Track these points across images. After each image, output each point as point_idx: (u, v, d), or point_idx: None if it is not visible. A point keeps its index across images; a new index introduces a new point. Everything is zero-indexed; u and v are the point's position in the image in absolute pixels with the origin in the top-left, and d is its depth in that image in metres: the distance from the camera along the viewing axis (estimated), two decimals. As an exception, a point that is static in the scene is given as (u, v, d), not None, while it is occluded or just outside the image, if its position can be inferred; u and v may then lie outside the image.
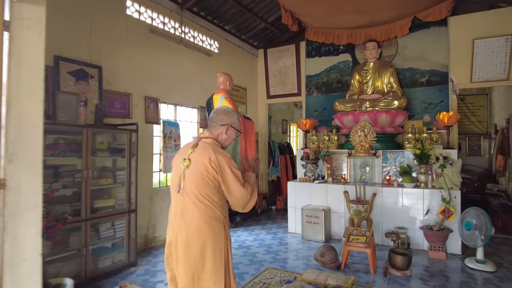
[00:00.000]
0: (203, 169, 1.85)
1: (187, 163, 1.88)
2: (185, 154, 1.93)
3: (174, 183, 1.95)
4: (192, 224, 1.84)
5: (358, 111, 5.42)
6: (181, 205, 1.87)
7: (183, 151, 2.00)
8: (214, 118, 2.05)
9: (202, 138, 2.00)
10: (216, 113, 2.06)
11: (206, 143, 1.96)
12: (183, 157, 1.93)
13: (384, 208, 4.85)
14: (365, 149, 5.15)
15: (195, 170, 1.86)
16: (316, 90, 6.72)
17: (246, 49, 7.07)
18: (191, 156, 1.89)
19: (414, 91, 5.79)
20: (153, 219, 4.79)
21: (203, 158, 1.86)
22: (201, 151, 1.90)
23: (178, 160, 1.98)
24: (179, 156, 2.00)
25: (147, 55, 4.71)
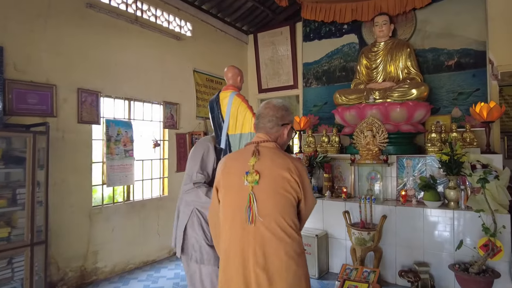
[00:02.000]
0: (285, 184, 1.42)
1: (255, 178, 1.41)
2: (244, 165, 1.46)
3: (233, 208, 1.46)
4: (275, 266, 1.36)
5: (364, 104, 4.15)
6: (253, 241, 1.38)
7: (236, 161, 1.52)
8: (271, 116, 1.56)
9: (259, 142, 1.53)
10: (273, 108, 1.57)
11: (270, 148, 1.51)
12: (243, 169, 1.45)
13: (399, 235, 3.56)
14: (373, 154, 3.87)
15: (272, 187, 1.42)
16: (316, 80, 5.48)
17: (231, 33, 5.92)
18: (258, 168, 1.43)
19: (438, 78, 4.44)
20: (94, 245, 3.72)
21: (280, 169, 1.43)
22: (273, 160, 1.46)
23: (233, 174, 1.49)
24: (231, 168, 1.52)
25: (82, 36, 3.65)
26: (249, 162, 1.43)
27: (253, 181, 1.40)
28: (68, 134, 3.51)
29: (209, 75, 5.41)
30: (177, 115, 4.79)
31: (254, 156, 1.45)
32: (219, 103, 2.55)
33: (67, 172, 3.51)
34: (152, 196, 4.48)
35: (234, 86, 2.55)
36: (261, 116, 1.57)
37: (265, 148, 1.49)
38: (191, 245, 2.21)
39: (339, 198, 4.10)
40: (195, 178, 2.21)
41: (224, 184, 1.50)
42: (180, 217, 2.28)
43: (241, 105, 2.43)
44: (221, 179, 1.53)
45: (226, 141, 2.40)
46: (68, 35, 3.52)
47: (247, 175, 1.42)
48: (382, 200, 3.88)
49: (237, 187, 1.44)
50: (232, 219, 1.44)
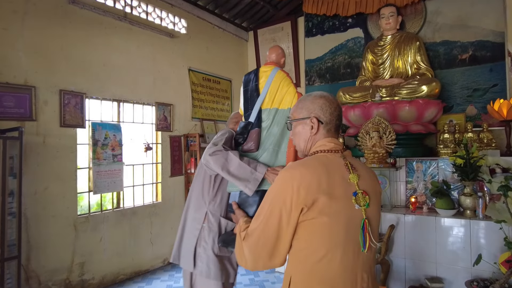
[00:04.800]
0: (380, 199, 1.32)
1: (366, 200, 1.20)
2: (345, 184, 1.20)
3: (343, 237, 1.20)
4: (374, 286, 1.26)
5: (370, 103, 3.82)
6: (361, 267, 1.21)
7: (332, 179, 1.21)
8: (339, 115, 1.34)
9: (342, 150, 1.29)
10: (339, 107, 1.35)
11: (351, 157, 1.31)
12: (346, 190, 1.20)
13: (408, 247, 3.23)
14: (380, 157, 3.54)
15: (377, 206, 1.28)
16: (319, 78, 5.16)
17: (230, 30, 5.64)
18: (364, 187, 1.22)
19: (451, 73, 4.09)
20: (80, 256, 3.49)
21: (377, 184, 1.31)
22: (368, 173, 1.29)
23: (339, 198, 1.19)
24: (333, 189, 1.20)
25: (65, 34, 3.42)
26: (350, 179, 1.22)
27: (364, 204, 1.21)
28: (49, 139, 3.29)
29: (206, 74, 5.15)
30: (171, 116, 4.54)
31: (351, 171, 1.23)
32: (257, 75, 2.19)
33: (50, 180, 3.29)
34: (144, 203, 4.24)
35: (275, 63, 2.24)
36: (340, 119, 1.32)
37: (349, 158, 1.28)
38: (198, 255, 1.95)
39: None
40: (222, 143, 1.91)
41: (329, 210, 1.17)
42: (189, 224, 2.02)
43: (285, 79, 2.09)
44: (318, 202, 1.17)
45: (257, 115, 2.05)
46: (49, 34, 3.30)
47: (357, 197, 1.20)
48: (390, 207, 3.55)
49: (346, 212, 1.19)
50: (344, 250, 1.20)
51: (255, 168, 1.78)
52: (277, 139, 1.92)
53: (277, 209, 1.20)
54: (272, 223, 1.21)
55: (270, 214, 1.22)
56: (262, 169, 1.78)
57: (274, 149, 1.89)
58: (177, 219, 3.78)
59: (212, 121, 5.18)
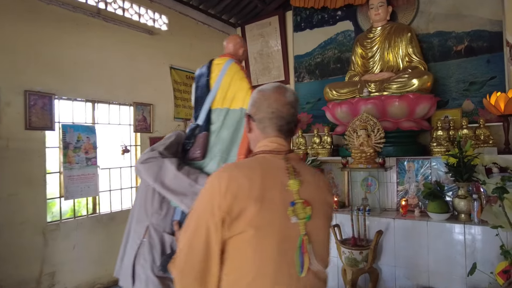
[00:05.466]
0: (331, 212, 1.14)
1: (307, 212, 0.99)
2: (282, 191, 0.99)
3: (275, 258, 0.96)
4: None
5: (357, 99, 3.57)
6: None
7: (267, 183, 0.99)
8: (294, 115, 1.12)
9: (286, 152, 1.08)
10: (295, 106, 1.12)
11: (299, 161, 1.11)
12: (283, 198, 0.98)
13: (399, 254, 2.98)
14: (368, 157, 3.29)
15: (324, 219, 1.07)
16: (308, 74, 4.92)
17: (216, 26, 5.42)
18: (306, 195, 1.01)
19: (446, 66, 3.82)
20: (50, 266, 3.30)
21: (326, 193, 1.10)
22: (315, 181, 1.08)
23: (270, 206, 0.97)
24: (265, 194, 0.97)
25: (30, 31, 3.23)
26: (289, 186, 1.00)
27: (304, 216, 0.99)
28: (14, 143, 3.10)
29: (190, 72, 4.93)
30: (151, 117, 4.33)
31: (292, 175, 1.02)
32: (210, 70, 1.93)
33: (16, 185, 3.10)
34: (122, 208, 4.04)
35: (232, 54, 2.00)
36: (278, 117, 1.08)
37: (295, 161, 1.08)
38: (137, 273, 1.72)
39: (330, 208, 3.53)
40: (161, 149, 1.65)
41: (257, 222, 0.95)
42: (131, 238, 1.77)
43: (238, 73, 1.84)
44: (246, 212, 0.95)
45: (206, 116, 1.78)
46: (12, 31, 3.11)
47: (295, 207, 0.99)
48: (380, 211, 3.30)
49: (280, 225, 0.97)
50: (275, 274, 0.96)
51: (195, 180, 1.53)
52: (226, 145, 1.68)
53: (204, 221, 0.97)
54: (198, 240, 0.98)
55: (195, 228, 0.99)
56: (204, 181, 1.54)
57: (222, 156, 1.66)
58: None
59: (197, 121, 4.96)
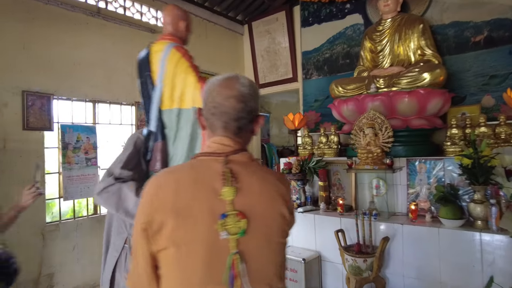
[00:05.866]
0: (283, 224, 0.92)
1: (240, 225, 0.82)
2: (213, 199, 0.84)
3: (200, 281, 0.81)
4: None
5: (364, 95, 3.35)
6: None
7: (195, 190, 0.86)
8: (239, 110, 0.93)
9: (227, 154, 0.90)
10: (241, 98, 0.93)
11: (246, 163, 0.92)
12: (213, 209, 0.83)
13: (408, 263, 2.75)
14: (375, 158, 3.07)
15: (266, 234, 0.88)
16: (316, 71, 4.72)
17: (223, 24, 5.31)
18: (242, 205, 0.84)
19: (463, 59, 3.53)
20: (49, 267, 3.28)
21: (274, 202, 0.90)
22: (261, 185, 0.90)
23: (194, 219, 0.83)
24: (188, 204, 0.84)
25: (28, 32, 3.22)
26: (222, 194, 0.84)
27: (237, 231, 0.83)
28: (11, 143, 3.09)
29: (195, 71, 4.85)
30: (154, 117, 4.26)
31: (228, 182, 0.85)
32: (148, 62, 1.65)
33: (13, 186, 3.08)
34: (125, 209, 3.98)
35: (173, 35, 1.70)
36: (221, 113, 0.93)
37: (240, 164, 0.91)
38: (117, 282, 1.62)
39: (336, 211, 3.33)
40: (118, 173, 1.51)
41: (178, 238, 0.82)
42: (110, 251, 1.67)
43: (180, 64, 1.55)
44: (167, 225, 0.83)
45: (157, 119, 1.57)
46: (9, 32, 3.10)
47: (224, 221, 0.82)
48: (388, 215, 3.07)
49: (206, 242, 0.82)
50: None
51: None
52: (186, 153, 1.49)
53: (135, 232, 0.89)
54: (135, 253, 0.89)
55: (134, 240, 0.90)
56: None
57: (186, 157, 1.49)
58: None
59: (202, 121, 4.86)
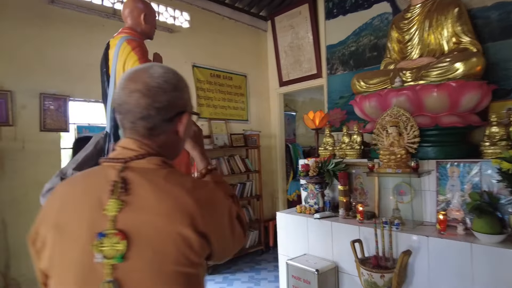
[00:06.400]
0: (184, 249, 0.70)
1: (118, 249, 0.66)
2: (93, 214, 0.71)
3: None
4: None
5: (387, 90, 3.01)
6: None
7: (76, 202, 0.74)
8: (144, 107, 0.78)
9: (126, 160, 0.76)
10: (145, 92, 0.78)
11: (151, 171, 0.76)
12: (90, 226, 0.70)
13: (433, 282, 2.39)
14: (398, 160, 2.73)
15: (155, 263, 0.68)
16: (342, 65, 4.40)
17: (244, 21, 5.16)
18: (125, 224, 0.69)
19: (509, 46, 3.05)
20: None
21: (171, 222, 0.70)
22: (158, 200, 0.71)
23: (68, 237, 0.71)
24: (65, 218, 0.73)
25: (44, 36, 3.30)
26: (105, 208, 0.70)
27: (114, 256, 0.67)
28: (29, 144, 3.19)
29: (215, 69, 4.75)
30: (172, 117, 4.23)
31: (115, 194, 0.71)
32: (107, 57, 1.63)
33: (30, 186, 3.19)
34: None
35: (131, 28, 1.65)
36: (126, 111, 0.80)
37: (140, 172, 0.75)
38: None
39: (356, 219, 3.03)
40: (69, 173, 1.49)
41: (54, 260, 0.72)
42: None
43: (130, 56, 1.50)
44: (48, 243, 0.73)
45: (111, 119, 1.52)
46: (26, 36, 3.20)
47: (101, 240, 0.68)
48: (414, 225, 2.71)
49: (79, 265, 0.69)
50: None
51: None
52: None
53: (31, 248, 0.83)
54: (37, 273, 0.82)
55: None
56: None
57: None
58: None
59: (222, 121, 4.75)
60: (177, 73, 0.88)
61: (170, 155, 0.87)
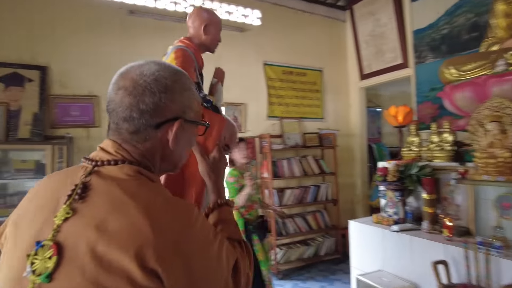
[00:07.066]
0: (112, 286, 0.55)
1: (49, 265, 0.56)
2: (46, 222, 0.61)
3: None
4: None
5: (485, 77, 2.40)
6: None
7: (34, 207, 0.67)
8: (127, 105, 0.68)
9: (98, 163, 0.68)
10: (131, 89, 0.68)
11: (116, 180, 0.64)
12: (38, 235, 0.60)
13: (551, 327, 1.79)
14: (500, 164, 2.14)
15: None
16: (432, 52, 3.76)
17: (320, 12, 4.84)
18: (68, 235, 0.59)
19: None
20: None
21: (112, 248, 0.56)
22: (106, 216, 0.59)
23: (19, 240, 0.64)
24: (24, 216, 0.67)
25: (125, 44, 3.61)
26: (56, 215, 0.61)
27: (41, 272, 0.56)
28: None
29: (287, 66, 4.58)
30: (242, 116, 4.21)
31: (70, 199, 0.62)
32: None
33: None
34: (213, 208, 4.06)
35: (189, 38, 1.60)
36: (111, 110, 0.72)
37: (107, 180, 0.65)
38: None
39: (442, 234, 2.50)
40: None
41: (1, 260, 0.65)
42: None
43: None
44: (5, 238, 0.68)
45: None
46: (110, 45, 3.54)
47: (36, 252, 0.58)
48: (523, 249, 2.09)
49: (12, 277, 0.60)
50: None
51: None
52: None
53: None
54: None
55: None
56: None
57: None
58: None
59: (295, 119, 4.54)
60: (177, 72, 0.75)
61: (161, 167, 0.75)
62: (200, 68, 1.53)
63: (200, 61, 1.54)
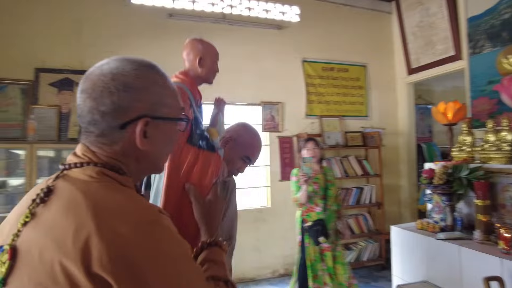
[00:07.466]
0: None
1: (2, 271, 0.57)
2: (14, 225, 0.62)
3: None
4: None
5: (551, 67, 2.07)
6: None
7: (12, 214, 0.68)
8: (90, 107, 0.66)
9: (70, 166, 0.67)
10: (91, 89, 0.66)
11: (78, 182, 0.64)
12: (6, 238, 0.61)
13: None
14: None
15: None
16: (490, 41, 3.37)
17: (363, 5, 4.59)
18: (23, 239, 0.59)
19: None
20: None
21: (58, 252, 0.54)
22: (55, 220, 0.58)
23: None
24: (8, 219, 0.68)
25: (165, 46, 3.73)
26: (21, 219, 0.61)
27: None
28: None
29: (327, 62, 4.42)
30: (280, 115, 4.14)
31: (33, 203, 0.61)
32: None
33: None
34: (251, 207, 4.05)
35: (183, 73, 1.54)
36: (77, 113, 0.70)
37: (71, 183, 0.63)
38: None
39: (498, 247, 2.22)
40: None
41: None
42: None
43: None
44: None
45: None
46: (152, 48, 3.67)
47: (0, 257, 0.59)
48: None
49: None
50: None
51: None
52: (155, 189, 1.22)
53: None
54: None
55: None
56: None
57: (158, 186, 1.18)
58: (287, 226, 3.71)
59: (336, 118, 4.36)
60: (141, 67, 0.72)
61: (139, 168, 0.72)
62: (197, 101, 1.48)
63: (197, 95, 1.49)
